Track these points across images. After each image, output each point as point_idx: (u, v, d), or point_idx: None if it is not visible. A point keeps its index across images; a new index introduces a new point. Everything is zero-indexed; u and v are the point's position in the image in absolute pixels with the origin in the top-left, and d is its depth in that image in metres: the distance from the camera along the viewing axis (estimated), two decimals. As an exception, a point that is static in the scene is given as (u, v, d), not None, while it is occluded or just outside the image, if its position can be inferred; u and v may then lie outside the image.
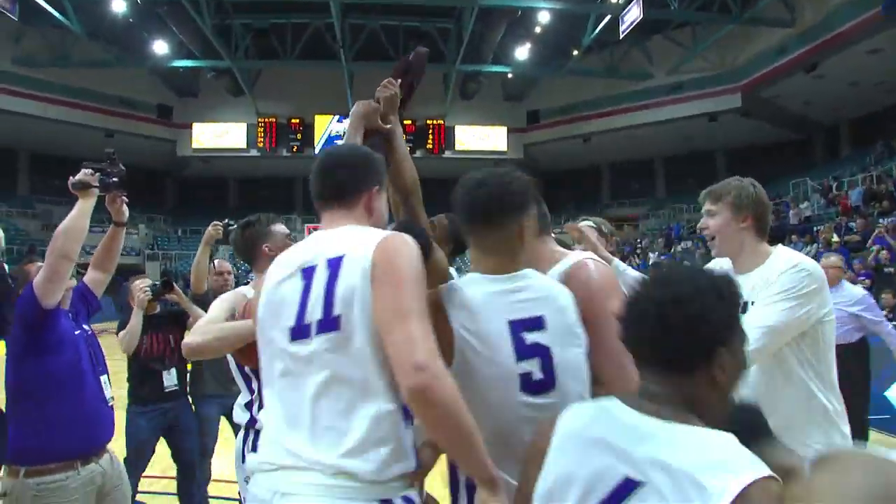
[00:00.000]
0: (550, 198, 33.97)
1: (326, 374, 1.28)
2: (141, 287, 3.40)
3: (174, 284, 3.49)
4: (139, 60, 23.24)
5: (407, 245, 1.36)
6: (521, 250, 1.50)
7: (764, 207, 2.10)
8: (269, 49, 23.71)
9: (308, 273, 1.37)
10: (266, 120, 28.30)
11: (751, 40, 21.60)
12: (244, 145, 28.62)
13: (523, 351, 1.40)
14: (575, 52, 22.98)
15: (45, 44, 22.14)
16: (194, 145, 28.57)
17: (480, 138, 30.14)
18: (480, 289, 1.46)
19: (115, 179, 2.33)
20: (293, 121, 28.52)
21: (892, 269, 9.05)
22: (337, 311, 1.29)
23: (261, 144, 28.38)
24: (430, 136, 29.56)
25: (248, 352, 2.11)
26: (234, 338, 2.09)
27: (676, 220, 25.92)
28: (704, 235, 2.22)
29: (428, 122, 29.43)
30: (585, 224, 2.73)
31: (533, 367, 1.39)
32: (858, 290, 4.89)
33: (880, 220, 13.09)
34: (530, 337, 1.41)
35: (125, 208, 2.43)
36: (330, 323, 1.29)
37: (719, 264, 2.23)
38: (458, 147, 29.94)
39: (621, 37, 19.83)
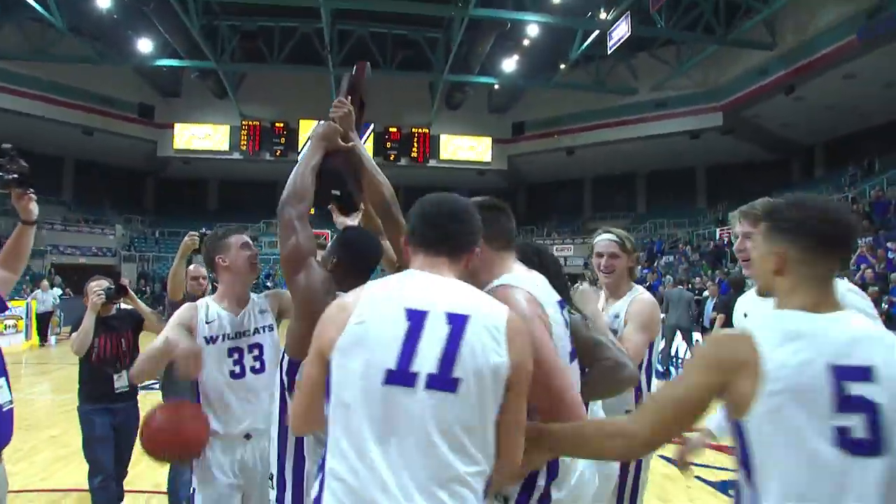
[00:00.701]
0: (533, 209, 34.31)
1: (425, 429, 1.26)
2: (95, 290, 3.42)
3: (128, 290, 3.55)
4: (122, 58, 22.84)
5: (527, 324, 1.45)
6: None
7: None
8: (255, 52, 23.52)
9: (416, 317, 1.32)
10: (250, 123, 28.03)
11: (733, 61, 22.09)
12: (227, 147, 28.30)
13: None
14: (562, 66, 23.23)
15: (24, 37, 21.63)
16: (176, 146, 28.14)
17: (465, 148, 30.26)
18: None
19: (14, 176, 2.22)
20: (277, 125, 28.30)
21: (876, 288, 9.27)
22: (457, 373, 1.27)
23: (244, 147, 28.08)
24: (416, 145, 29.59)
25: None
26: (160, 355, 2.20)
27: (657, 234, 26.29)
28: (739, 258, 2.23)
29: (413, 130, 29.47)
30: (606, 237, 2.69)
31: None
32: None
33: (860, 241, 13.44)
34: None
35: (33, 206, 2.29)
36: (446, 382, 1.27)
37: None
38: (442, 156, 30.00)
39: (609, 52, 20.12)
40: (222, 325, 2.44)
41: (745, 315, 2.29)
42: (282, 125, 28.28)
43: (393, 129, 29.31)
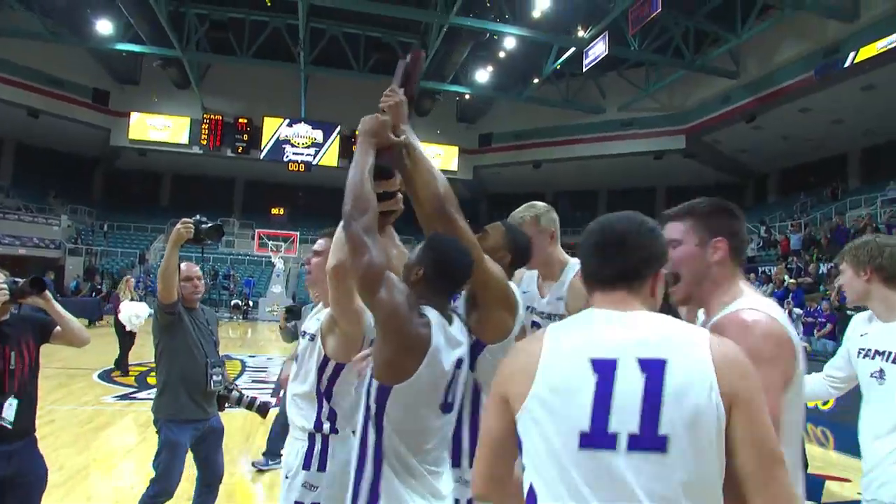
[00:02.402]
0: (496, 219, 35.32)
1: (634, 495, 1.08)
2: None
3: (46, 287, 2.65)
4: (78, 38, 21.62)
5: (743, 355, 1.18)
6: None
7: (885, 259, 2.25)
8: (223, 43, 22.76)
9: (604, 369, 1.14)
10: (212, 116, 27.05)
11: (698, 86, 22.91)
12: (186, 141, 27.19)
13: None
14: (535, 80, 23.51)
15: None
16: (131, 136, 26.82)
17: (431, 156, 29.52)
18: None
19: None
20: (241, 120, 27.46)
21: (851, 311, 9.65)
22: (664, 429, 1.09)
23: (204, 142, 27.05)
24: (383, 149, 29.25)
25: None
26: None
27: (617, 251, 26.85)
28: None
29: (380, 134, 29.15)
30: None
31: None
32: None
33: (820, 265, 14.14)
34: None
35: None
36: (652, 442, 1.09)
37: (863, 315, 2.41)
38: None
39: (584, 70, 20.49)
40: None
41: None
42: (245, 121, 27.46)
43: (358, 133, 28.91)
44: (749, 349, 1.21)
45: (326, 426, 2.05)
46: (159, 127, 27.02)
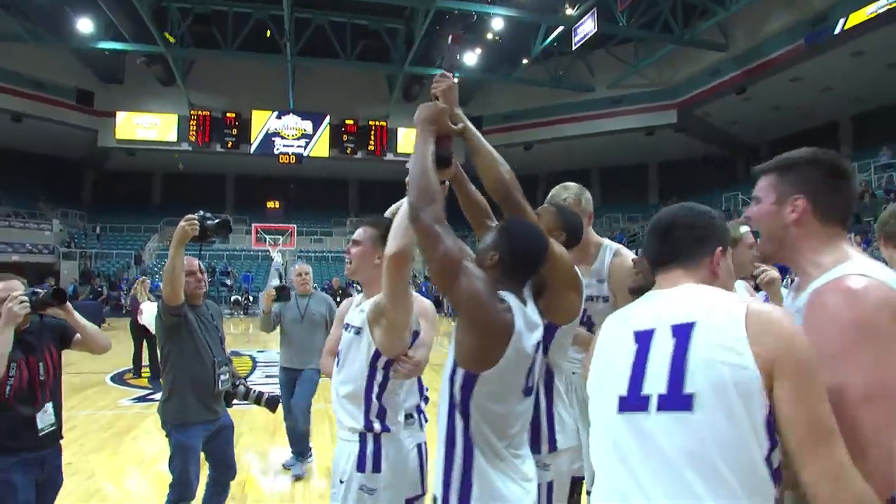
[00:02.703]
0: (490, 203, 35.24)
1: (665, 454, 1.12)
2: (16, 296, 2.45)
3: (67, 297, 2.62)
4: (58, 38, 21.24)
5: (794, 325, 1.14)
6: None
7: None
8: (207, 37, 22.44)
9: (643, 338, 1.23)
10: (199, 113, 26.72)
11: (687, 61, 22.87)
12: (174, 138, 26.88)
13: None
14: (524, 61, 23.38)
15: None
16: (118, 135, 26.46)
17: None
18: None
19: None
20: (229, 115, 27.16)
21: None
22: (689, 388, 1.12)
23: (192, 138, 26.75)
24: (373, 138, 29.10)
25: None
26: None
27: (612, 228, 26.97)
28: None
29: (370, 122, 28.97)
30: (748, 230, 2.62)
31: None
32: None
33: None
34: None
35: None
36: (679, 401, 1.13)
37: None
38: (400, 150, 29.65)
39: (574, 48, 20.40)
40: None
41: None
42: (233, 115, 27.16)
43: (349, 122, 28.72)
44: (857, 320, 1.15)
45: (377, 425, 1.98)
46: (147, 125, 26.67)
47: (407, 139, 29.75)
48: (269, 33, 22.28)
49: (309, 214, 30.45)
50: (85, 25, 20.74)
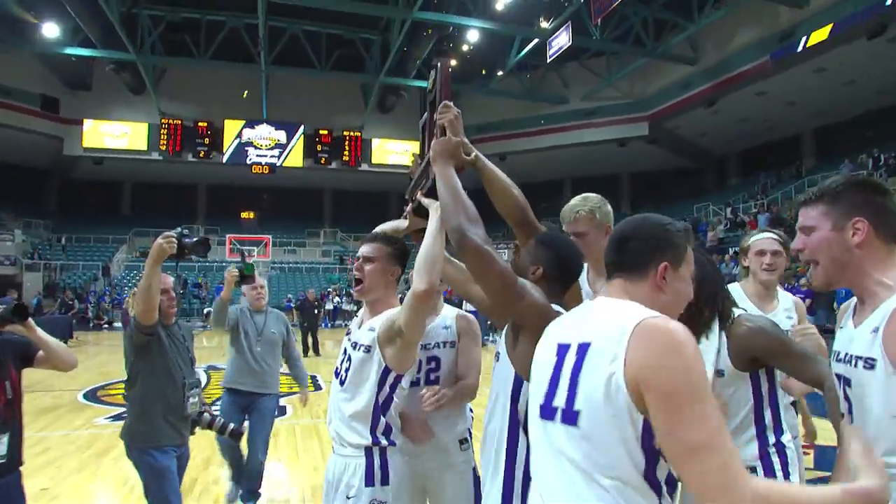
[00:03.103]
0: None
1: (565, 464, 1.20)
2: None
3: (29, 314, 2.48)
4: (23, 43, 20.66)
5: (678, 338, 1.11)
6: None
7: None
8: (179, 45, 22.12)
9: (561, 351, 1.28)
10: (171, 121, 26.27)
11: (658, 74, 23.41)
12: (145, 147, 26.34)
13: None
14: (499, 73, 23.61)
15: None
16: (86, 143, 25.81)
17: (397, 152, 30.00)
18: None
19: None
20: (201, 124, 26.77)
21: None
22: (578, 405, 1.18)
23: (163, 147, 26.25)
24: (347, 148, 28.98)
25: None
26: None
27: (587, 238, 27.25)
28: None
29: (345, 133, 28.86)
30: (769, 237, 2.67)
31: None
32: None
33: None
34: None
35: None
36: (570, 416, 1.20)
37: None
38: (374, 160, 29.60)
39: (549, 61, 20.69)
40: None
41: None
42: (206, 125, 26.78)
43: (324, 132, 28.57)
44: None
45: (384, 440, 1.99)
46: (116, 134, 26.10)
47: (381, 150, 29.73)
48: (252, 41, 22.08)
49: (283, 225, 30.09)
50: (50, 30, 20.23)
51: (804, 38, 17.55)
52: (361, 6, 19.18)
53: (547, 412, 1.25)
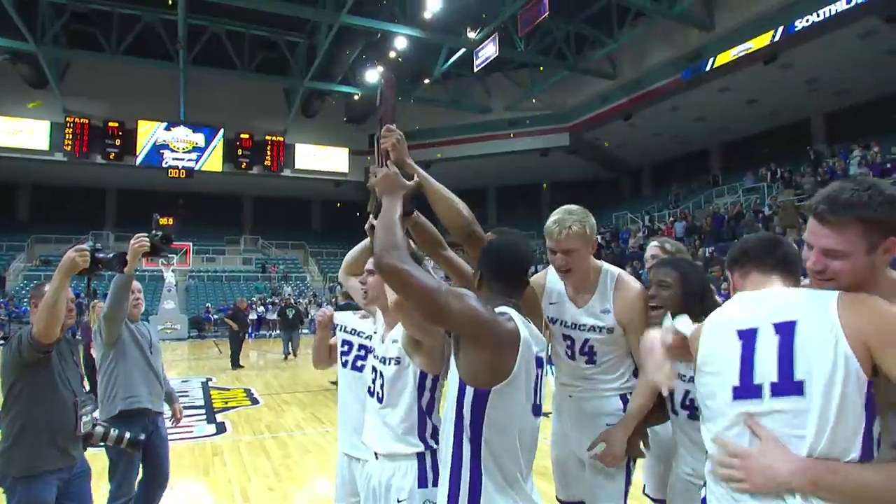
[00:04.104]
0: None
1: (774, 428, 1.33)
2: None
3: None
4: None
5: (875, 300, 1.30)
6: None
7: None
8: (87, 38, 20.68)
9: (747, 336, 1.41)
10: (77, 120, 24.41)
11: (578, 87, 24.35)
12: (46, 146, 24.28)
13: None
14: (426, 81, 23.75)
15: None
16: (-27, 141, 23.51)
17: (321, 158, 29.45)
18: None
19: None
20: (111, 124, 25.09)
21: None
22: (799, 376, 1.30)
23: (68, 147, 24.34)
24: (269, 153, 28.13)
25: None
26: None
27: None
28: None
29: (267, 137, 28.01)
30: (653, 244, 2.81)
31: None
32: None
33: (701, 250, 15.72)
34: None
35: None
36: (789, 387, 1.31)
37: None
38: (297, 166, 28.90)
39: (475, 70, 21.04)
40: None
41: None
42: (116, 125, 25.13)
43: (245, 136, 27.60)
44: None
45: (433, 443, 1.99)
46: (10, 131, 23.85)
47: (305, 155, 29.08)
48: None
49: (201, 232, 28.72)
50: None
51: (711, 59, 18.88)
52: (288, 7, 18.69)
53: (745, 391, 1.36)
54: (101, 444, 2.86)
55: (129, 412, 3.22)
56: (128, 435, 2.89)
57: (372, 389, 2.12)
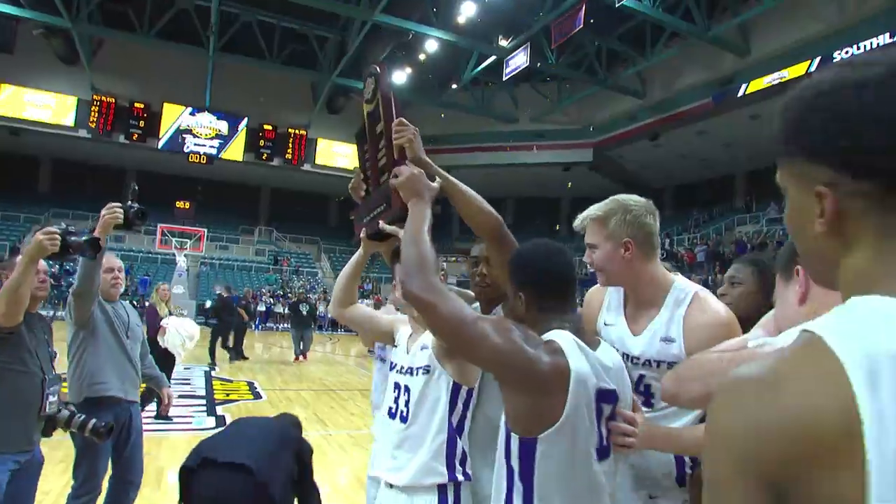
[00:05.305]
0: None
1: None
2: None
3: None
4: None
5: None
6: None
7: None
8: (120, 17, 20.80)
9: None
10: (104, 98, 24.50)
11: (605, 103, 24.15)
12: (72, 123, 24.40)
13: None
14: (454, 86, 23.64)
15: None
16: (1, 111, 23.66)
17: (342, 155, 29.39)
18: None
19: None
20: (137, 105, 25.17)
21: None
22: None
23: (93, 125, 24.46)
24: (291, 146, 28.13)
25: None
26: None
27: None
28: None
29: (290, 130, 28.01)
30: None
31: None
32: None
33: (720, 276, 15.42)
34: None
35: None
36: None
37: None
38: (318, 161, 28.88)
39: (505, 79, 20.90)
40: None
41: None
42: (142, 106, 25.21)
43: (268, 127, 27.62)
44: None
45: (460, 475, 1.71)
46: (39, 104, 24.05)
47: (327, 151, 29.05)
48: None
49: (217, 219, 28.75)
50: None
51: (744, 85, 18.59)
52: (323, 1, 18.67)
53: None
54: (65, 428, 2.65)
55: (96, 399, 2.97)
56: (93, 422, 2.65)
57: (394, 410, 1.85)
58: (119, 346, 3.11)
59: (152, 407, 6.21)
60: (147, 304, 7.15)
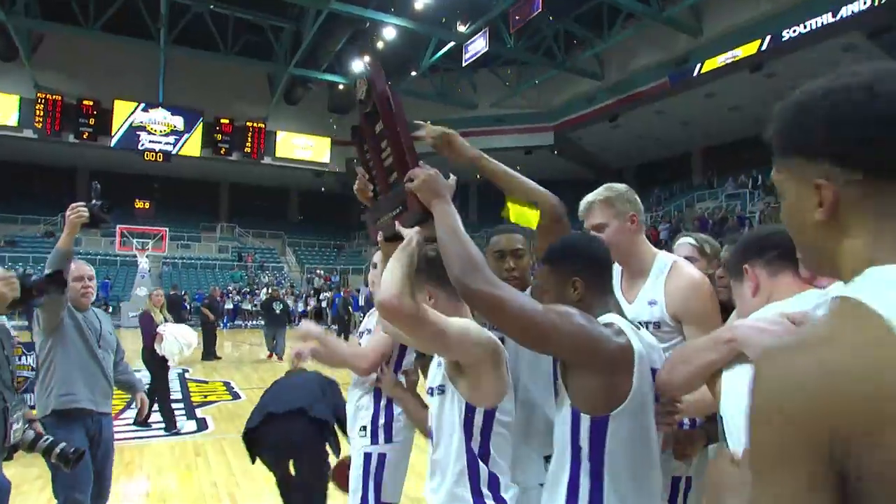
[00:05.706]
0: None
1: None
2: None
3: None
4: None
5: None
6: None
7: None
8: (61, 11, 19.90)
9: None
10: (49, 96, 23.51)
11: (564, 86, 24.34)
12: (15, 122, 23.35)
13: None
14: (413, 73, 23.47)
15: None
16: (-63, 114, 22.50)
17: (302, 147, 28.97)
18: None
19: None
20: (85, 102, 24.22)
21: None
22: None
23: (39, 125, 23.45)
24: (249, 139, 27.55)
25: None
26: None
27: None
28: None
29: (248, 123, 27.42)
30: (685, 241, 2.52)
31: None
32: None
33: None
34: None
35: None
36: None
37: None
38: (278, 153, 28.39)
39: (464, 65, 20.85)
40: None
41: None
42: (91, 103, 24.26)
43: (225, 121, 26.96)
44: None
45: (489, 498, 1.56)
46: (-23, 105, 22.96)
47: (286, 143, 28.57)
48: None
49: (177, 218, 28.02)
50: None
51: (699, 65, 19.01)
52: (276, -9, 18.26)
53: None
54: (28, 451, 2.48)
55: (65, 412, 2.82)
56: (60, 447, 2.47)
57: (430, 431, 1.74)
58: (90, 356, 2.97)
59: (129, 414, 6.10)
60: (141, 310, 6.99)
